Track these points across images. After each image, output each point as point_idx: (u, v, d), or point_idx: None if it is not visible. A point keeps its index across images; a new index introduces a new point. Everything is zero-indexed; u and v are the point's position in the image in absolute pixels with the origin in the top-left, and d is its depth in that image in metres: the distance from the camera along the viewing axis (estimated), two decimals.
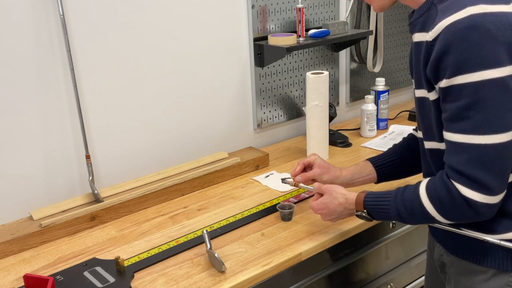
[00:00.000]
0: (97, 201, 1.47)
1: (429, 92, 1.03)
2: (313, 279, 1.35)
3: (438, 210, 1.04)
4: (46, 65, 1.41)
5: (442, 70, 0.97)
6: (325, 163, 1.39)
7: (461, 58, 0.93)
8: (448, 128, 1.00)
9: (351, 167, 1.39)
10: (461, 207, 1.00)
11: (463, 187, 0.98)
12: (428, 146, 1.12)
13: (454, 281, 1.17)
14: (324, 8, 2.00)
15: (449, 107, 0.98)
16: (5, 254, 1.31)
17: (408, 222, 1.13)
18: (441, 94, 0.99)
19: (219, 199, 1.55)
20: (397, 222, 1.23)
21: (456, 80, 0.95)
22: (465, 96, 0.95)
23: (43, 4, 1.37)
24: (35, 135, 1.43)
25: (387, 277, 1.55)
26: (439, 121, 1.04)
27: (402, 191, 1.10)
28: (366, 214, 1.17)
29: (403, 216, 1.10)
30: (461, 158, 0.98)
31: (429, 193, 1.04)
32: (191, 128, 1.75)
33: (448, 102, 0.98)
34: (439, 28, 0.96)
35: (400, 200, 1.09)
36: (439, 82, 0.99)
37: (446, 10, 0.97)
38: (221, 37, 1.74)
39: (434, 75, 0.99)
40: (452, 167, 1.00)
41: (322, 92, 1.72)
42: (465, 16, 0.93)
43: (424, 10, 1.05)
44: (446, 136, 1.01)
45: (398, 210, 1.10)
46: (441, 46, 0.95)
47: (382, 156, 1.41)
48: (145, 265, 1.23)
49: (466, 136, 0.97)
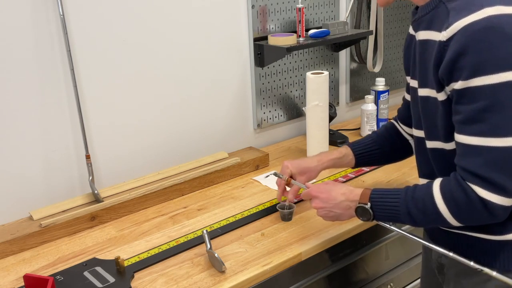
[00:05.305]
0: (97, 201, 1.47)
1: (438, 92, 1.02)
2: (313, 279, 1.35)
3: (452, 212, 1.01)
4: (46, 65, 1.41)
5: (457, 72, 0.95)
6: (300, 167, 1.37)
7: (479, 60, 0.92)
8: (462, 131, 0.98)
9: (332, 154, 1.39)
10: (478, 209, 0.98)
11: (480, 189, 0.97)
12: (430, 146, 1.11)
13: (454, 283, 1.17)
14: (324, 8, 2.00)
15: (464, 109, 0.97)
16: (5, 254, 1.31)
17: (415, 223, 1.09)
18: (455, 96, 0.98)
19: (219, 199, 1.55)
20: (397, 223, 1.22)
21: (473, 82, 0.94)
22: (482, 98, 0.94)
23: (43, 4, 1.37)
24: (35, 135, 1.43)
25: (387, 277, 1.55)
26: (447, 122, 1.02)
27: (412, 191, 1.07)
28: (369, 208, 1.12)
29: (413, 216, 1.06)
30: (477, 161, 0.97)
31: (444, 194, 1.02)
32: (191, 128, 1.75)
33: (462, 104, 0.97)
34: (454, 28, 0.94)
35: (410, 199, 1.06)
36: (452, 83, 0.97)
37: (460, 9, 0.95)
38: (221, 37, 1.74)
39: (447, 76, 0.97)
40: (467, 170, 0.98)
41: (322, 92, 1.72)
42: (483, 17, 0.92)
43: (431, 8, 1.03)
44: (458, 139, 1.00)
45: (408, 209, 1.06)
46: (458, 47, 0.94)
47: (364, 144, 1.41)
48: (145, 265, 1.23)
49: (482, 138, 0.95)
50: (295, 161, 1.39)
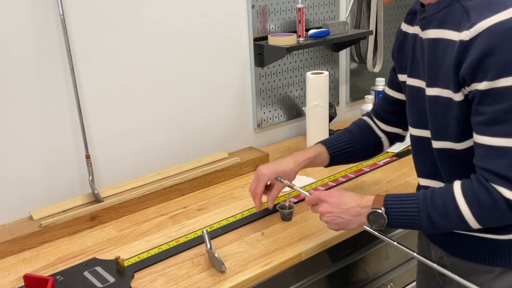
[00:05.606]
0: (97, 201, 1.47)
1: (455, 92, 0.99)
2: (313, 279, 1.35)
3: (475, 215, 0.99)
4: (46, 65, 1.41)
5: (482, 72, 0.93)
6: (276, 172, 1.32)
7: (506, 60, 0.91)
8: (484, 132, 0.97)
9: (307, 153, 1.34)
10: (503, 211, 0.97)
11: (506, 190, 0.95)
12: (437, 146, 1.08)
13: (457, 283, 1.15)
14: (324, 8, 2.00)
15: (487, 110, 0.95)
16: (5, 254, 1.31)
17: (434, 228, 1.05)
18: (478, 97, 0.96)
19: (219, 199, 1.55)
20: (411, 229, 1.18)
21: (499, 82, 0.92)
22: (508, 99, 0.92)
23: (43, 4, 1.37)
24: (35, 135, 1.43)
25: (387, 277, 1.55)
26: (461, 122, 1.01)
27: (431, 196, 1.04)
28: (383, 213, 1.07)
29: (434, 221, 1.03)
30: (501, 162, 0.95)
31: (466, 197, 0.99)
32: (191, 128, 1.75)
33: (486, 105, 0.95)
34: (479, 28, 0.93)
35: (430, 204, 1.03)
36: (474, 83, 0.95)
37: (483, 9, 0.94)
38: (221, 37, 1.74)
39: (470, 76, 0.95)
40: (491, 171, 0.96)
41: (322, 92, 1.72)
42: (509, 17, 0.91)
43: (442, 6, 1.01)
44: (480, 140, 0.98)
45: (429, 214, 1.03)
46: (483, 47, 0.92)
47: (338, 143, 1.37)
48: (145, 265, 1.23)
49: (507, 139, 0.94)
50: (269, 165, 1.34)
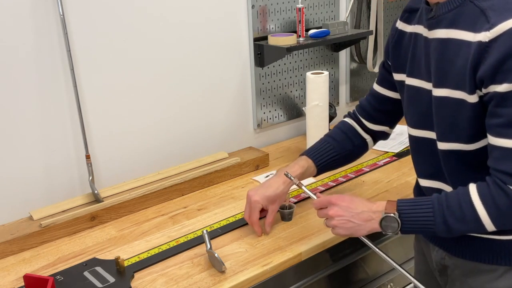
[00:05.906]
0: (97, 201, 1.47)
1: (470, 94, 0.98)
2: (313, 279, 1.35)
3: (492, 217, 0.98)
4: (46, 65, 1.41)
5: (503, 74, 0.92)
6: (269, 198, 1.29)
7: None
8: (502, 134, 0.95)
9: (295, 170, 1.30)
10: None
11: None
12: (444, 147, 1.07)
13: (460, 283, 1.15)
14: (324, 8, 2.00)
15: (506, 112, 0.94)
16: (5, 254, 1.31)
17: (450, 232, 1.03)
18: (496, 98, 0.94)
19: (219, 199, 1.55)
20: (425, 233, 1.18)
21: None
22: None
23: (43, 4, 1.37)
24: (35, 135, 1.43)
25: (387, 277, 1.55)
26: (475, 124, 1.00)
27: (445, 200, 1.02)
28: (397, 217, 1.05)
29: (450, 225, 1.01)
30: None
31: (484, 200, 0.98)
32: (191, 128, 1.75)
33: (505, 107, 0.94)
34: (500, 29, 0.92)
35: (446, 208, 1.01)
36: (493, 85, 0.94)
37: (502, 10, 0.93)
38: (221, 37, 1.74)
39: (489, 78, 0.94)
40: (509, 173, 0.95)
41: (322, 92, 1.72)
42: None
43: (454, 6, 1.00)
44: (497, 142, 0.96)
45: (445, 218, 1.01)
46: (506, 49, 0.91)
47: (322, 152, 1.34)
48: (145, 265, 1.23)
49: None
50: (260, 191, 1.30)
